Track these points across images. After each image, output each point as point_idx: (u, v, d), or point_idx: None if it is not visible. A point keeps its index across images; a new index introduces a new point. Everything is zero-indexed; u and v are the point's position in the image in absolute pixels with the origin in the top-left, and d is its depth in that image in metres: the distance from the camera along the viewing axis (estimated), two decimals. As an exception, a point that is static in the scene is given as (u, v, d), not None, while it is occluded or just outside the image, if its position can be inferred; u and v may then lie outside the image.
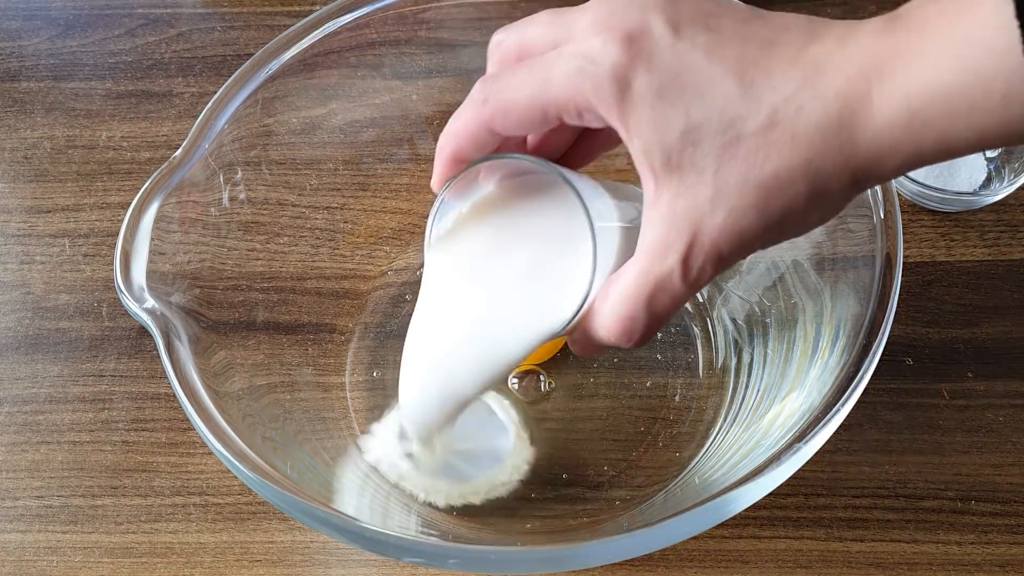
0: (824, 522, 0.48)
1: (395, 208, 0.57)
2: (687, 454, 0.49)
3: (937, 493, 0.49)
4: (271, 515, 0.50)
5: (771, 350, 0.50)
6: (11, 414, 0.54)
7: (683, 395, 0.51)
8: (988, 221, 0.57)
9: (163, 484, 0.51)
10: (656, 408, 0.51)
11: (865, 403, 0.51)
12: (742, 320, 0.53)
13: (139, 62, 0.68)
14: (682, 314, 0.54)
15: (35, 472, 0.52)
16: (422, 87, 0.56)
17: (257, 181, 0.51)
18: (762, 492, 0.37)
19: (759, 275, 0.53)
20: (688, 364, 0.53)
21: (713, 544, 0.48)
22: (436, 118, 0.57)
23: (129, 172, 0.63)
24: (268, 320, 0.50)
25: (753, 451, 0.41)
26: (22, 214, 0.61)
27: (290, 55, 0.48)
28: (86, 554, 0.49)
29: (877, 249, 0.41)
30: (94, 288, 0.58)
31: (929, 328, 0.54)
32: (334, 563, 0.48)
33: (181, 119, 0.65)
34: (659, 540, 0.36)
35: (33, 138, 0.65)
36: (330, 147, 0.54)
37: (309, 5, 0.70)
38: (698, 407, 0.51)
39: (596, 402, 0.52)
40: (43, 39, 0.69)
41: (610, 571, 0.48)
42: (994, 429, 0.50)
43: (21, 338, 0.56)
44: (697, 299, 0.54)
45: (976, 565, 0.47)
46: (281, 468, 0.39)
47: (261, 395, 0.47)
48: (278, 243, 0.52)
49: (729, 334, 0.53)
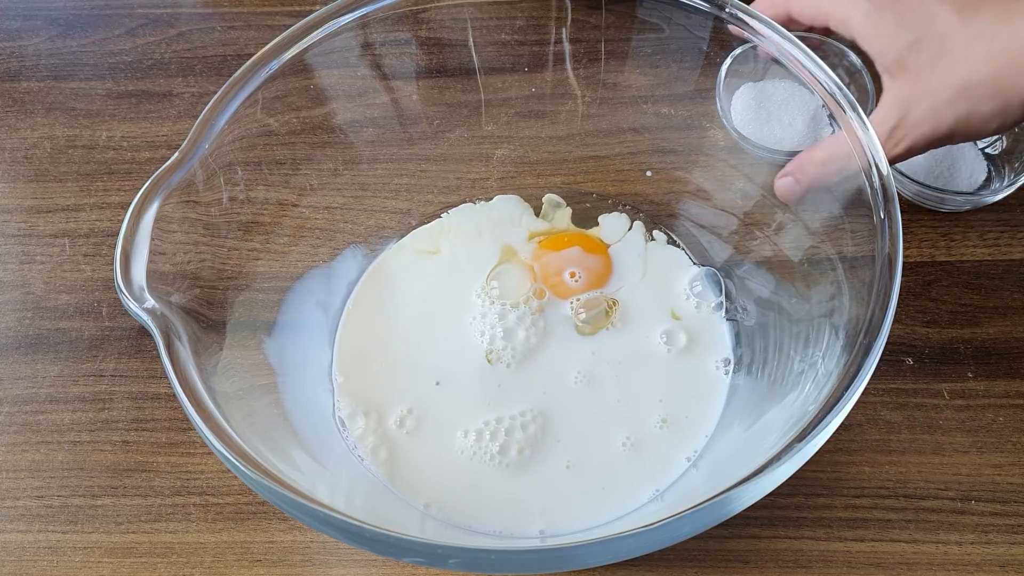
0: (824, 522, 0.48)
1: (395, 208, 0.57)
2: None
3: (937, 493, 0.49)
4: (271, 515, 0.50)
5: (771, 350, 0.50)
6: (11, 414, 0.54)
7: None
8: (988, 221, 0.57)
9: (163, 484, 0.51)
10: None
11: (865, 403, 0.51)
12: (742, 320, 0.53)
13: (139, 62, 0.68)
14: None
15: (35, 472, 0.52)
16: (422, 87, 0.56)
17: (257, 181, 0.51)
18: (762, 492, 0.37)
19: (759, 275, 0.53)
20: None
21: (713, 544, 0.48)
22: (436, 118, 0.57)
23: (129, 172, 0.63)
24: (268, 320, 0.50)
25: (753, 451, 0.41)
26: (22, 214, 0.61)
27: (290, 55, 0.48)
28: (86, 554, 0.49)
29: (877, 249, 0.41)
30: (94, 288, 0.58)
31: (929, 328, 0.54)
32: (334, 563, 0.48)
33: (181, 119, 0.65)
34: (659, 540, 0.36)
35: (33, 138, 0.65)
36: (330, 147, 0.54)
37: (309, 5, 0.70)
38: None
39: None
40: (43, 39, 0.69)
41: (610, 571, 0.48)
42: (994, 429, 0.50)
43: (21, 338, 0.56)
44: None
45: (976, 565, 0.47)
46: (281, 468, 0.39)
47: (261, 395, 0.47)
48: (278, 243, 0.52)
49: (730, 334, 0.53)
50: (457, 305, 0.54)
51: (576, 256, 0.55)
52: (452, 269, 0.56)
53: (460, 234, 0.57)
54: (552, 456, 0.49)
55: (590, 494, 0.47)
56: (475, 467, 0.48)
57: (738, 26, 0.47)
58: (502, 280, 0.54)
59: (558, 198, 0.58)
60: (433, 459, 0.49)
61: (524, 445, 0.49)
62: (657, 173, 0.57)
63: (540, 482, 0.48)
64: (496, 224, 0.57)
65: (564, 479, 0.48)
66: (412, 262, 0.56)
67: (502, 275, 0.55)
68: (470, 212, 0.58)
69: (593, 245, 0.56)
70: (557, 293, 0.54)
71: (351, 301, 0.55)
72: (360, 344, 0.53)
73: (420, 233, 0.57)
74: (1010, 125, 0.44)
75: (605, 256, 0.55)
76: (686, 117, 0.56)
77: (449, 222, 0.57)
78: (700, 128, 0.55)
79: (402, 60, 0.54)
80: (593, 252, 0.55)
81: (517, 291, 0.54)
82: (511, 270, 0.55)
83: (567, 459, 0.48)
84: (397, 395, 0.51)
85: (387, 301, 0.55)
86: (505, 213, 0.57)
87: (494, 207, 0.58)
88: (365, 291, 0.55)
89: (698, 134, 0.56)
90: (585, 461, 0.48)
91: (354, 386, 0.52)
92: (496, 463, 0.48)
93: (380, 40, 0.52)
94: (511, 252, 0.56)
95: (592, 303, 0.53)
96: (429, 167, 0.58)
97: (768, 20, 0.46)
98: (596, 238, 0.56)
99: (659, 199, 0.57)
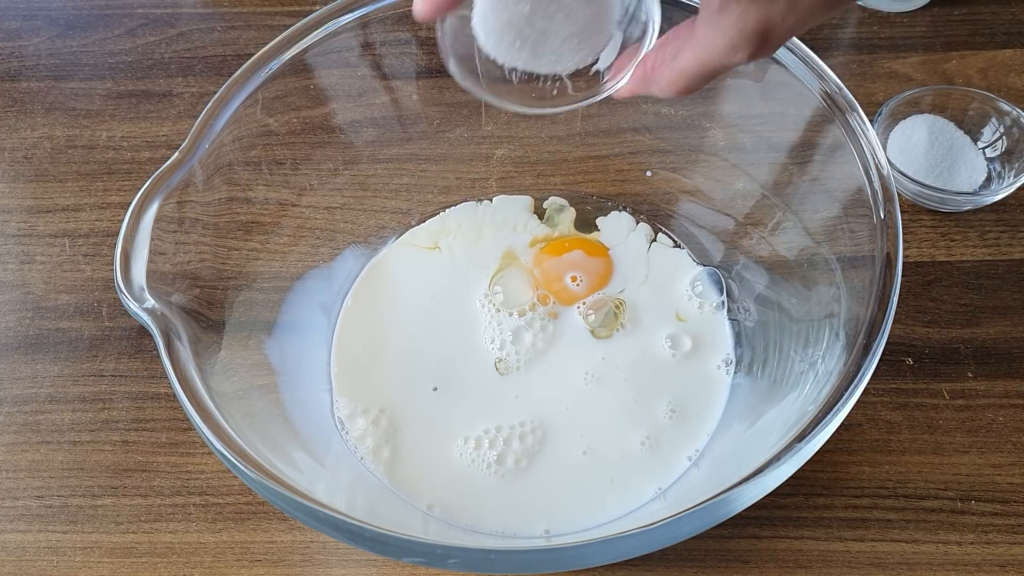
0: (824, 522, 0.48)
1: (395, 208, 0.57)
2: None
3: (937, 493, 0.49)
4: (271, 515, 0.50)
5: (772, 350, 0.50)
6: (11, 414, 0.54)
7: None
8: (988, 221, 0.57)
9: (163, 484, 0.51)
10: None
11: (865, 403, 0.51)
12: (743, 320, 0.53)
13: (139, 62, 0.68)
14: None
15: (35, 472, 0.52)
16: (422, 87, 0.56)
17: (257, 181, 0.51)
18: (762, 492, 0.37)
19: (759, 274, 0.53)
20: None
21: (713, 544, 0.48)
22: (436, 118, 0.57)
23: (129, 172, 0.63)
24: (268, 320, 0.50)
25: (753, 451, 0.41)
26: (22, 214, 0.61)
27: (290, 55, 0.48)
28: (86, 554, 0.49)
29: (877, 249, 0.41)
30: (94, 288, 0.58)
31: (929, 328, 0.54)
32: (334, 563, 0.48)
33: (181, 119, 0.65)
34: (659, 540, 0.36)
35: (33, 138, 0.65)
36: (330, 147, 0.54)
37: (309, 5, 0.70)
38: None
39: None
40: (43, 39, 0.70)
41: (610, 571, 0.48)
42: (994, 429, 0.50)
43: (21, 338, 0.56)
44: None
45: (976, 565, 0.47)
46: (281, 468, 0.39)
47: (261, 395, 0.47)
48: (278, 243, 0.52)
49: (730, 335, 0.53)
50: (461, 309, 0.54)
51: (577, 260, 0.55)
52: (453, 271, 0.56)
53: (461, 235, 0.57)
54: (556, 456, 0.49)
55: (594, 493, 0.47)
56: (475, 470, 0.48)
57: None
58: (505, 286, 0.54)
59: (562, 200, 0.58)
60: (434, 462, 0.49)
61: (523, 453, 0.49)
62: (657, 173, 0.57)
63: (544, 482, 0.48)
64: (499, 227, 0.57)
65: (569, 478, 0.48)
66: (411, 260, 0.56)
67: (505, 281, 0.55)
68: (472, 212, 0.58)
69: (594, 248, 0.56)
70: (561, 299, 0.54)
71: (350, 298, 0.55)
72: (358, 343, 0.53)
73: (419, 232, 0.57)
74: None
75: (606, 258, 0.55)
76: (686, 117, 0.56)
77: (450, 221, 0.57)
78: (700, 128, 0.55)
79: (402, 60, 0.54)
80: (593, 255, 0.55)
81: (521, 298, 0.54)
82: (513, 276, 0.55)
83: (572, 458, 0.48)
84: (397, 396, 0.51)
85: (386, 299, 0.55)
86: (509, 216, 0.57)
87: (497, 208, 0.58)
88: (364, 288, 0.55)
89: (698, 134, 0.56)
90: (588, 460, 0.48)
91: (353, 386, 0.51)
92: (497, 463, 0.48)
93: (380, 40, 0.52)
94: (512, 257, 0.56)
95: (599, 304, 0.53)
96: (429, 167, 0.58)
97: None
98: (597, 241, 0.56)
99: (659, 199, 0.57)
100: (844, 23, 0.68)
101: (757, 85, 0.54)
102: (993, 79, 0.64)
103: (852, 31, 0.67)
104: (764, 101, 0.52)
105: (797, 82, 0.47)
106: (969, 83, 0.64)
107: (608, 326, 0.53)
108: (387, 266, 0.56)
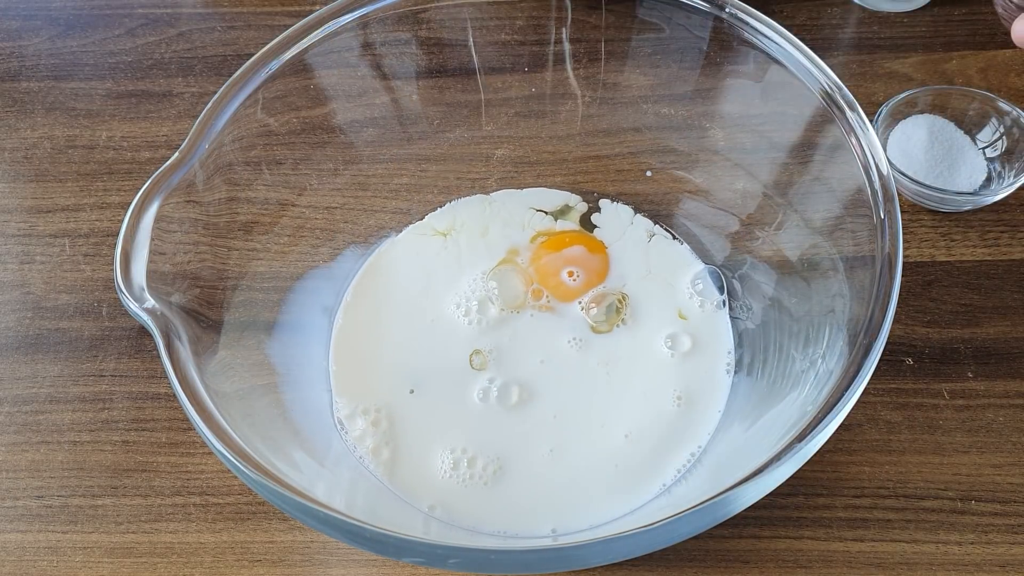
0: (824, 522, 0.48)
1: (395, 208, 0.57)
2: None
3: (937, 493, 0.49)
4: (271, 515, 0.50)
5: (772, 349, 0.50)
6: (11, 414, 0.54)
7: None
8: (988, 221, 0.57)
9: (163, 484, 0.51)
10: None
11: (865, 403, 0.51)
12: (744, 319, 0.53)
13: (139, 62, 0.68)
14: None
15: (35, 472, 0.52)
16: (422, 87, 0.56)
17: (257, 181, 0.51)
18: (762, 492, 0.37)
19: (760, 274, 0.53)
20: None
21: (713, 544, 0.48)
22: (436, 118, 0.57)
23: (129, 172, 0.63)
24: (268, 320, 0.50)
25: (753, 451, 0.41)
26: (22, 214, 0.61)
27: (290, 55, 0.48)
28: (86, 554, 0.49)
29: (877, 249, 0.41)
30: (94, 288, 0.58)
31: (929, 328, 0.54)
32: (334, 563, 0.48)
33: (181, 119, 0.65)
34: (659, 540, 0.36)
35: (33, 138, 0.65)
36: (330, 147, 0.54)
37: (309, 5, 0.70)
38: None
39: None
40: (43, 39, 0.70)
41: (610, 571, 0.48)
42: (994, 429, 0.50)
43: (21, 338, 0.56)
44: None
45: (976, 565, 0.47)
46: (281, 468, 0.39)
47: (261, 395, 0.47)
48: (278, 243, 0.52)
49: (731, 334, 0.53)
50: (450, 305, 0.54)
51: (572, 255, 0.55)
52: (455, 267, 0.56)
53: (465, 230, 0.57)
54: (556, 455, 0.49)
55: (597, 491, 0.47)
56: (475, 471, 0.48)
57: (737, 25, 0.47)
58: (500, 282, 0.54)
59: (575, 197, 0.58)
60: (434, 462, 0.49)
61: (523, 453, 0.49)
62: (657, 173, 0.57)
63: (546, 483, 0.48)
64: (505, 224, 0.57)
65: (571, 477, 0.48)
66: (412, 258, 0.56)
67: (500, 277, 0.54)
68: (479, 205, 0.58)
69: (590, 243, 0.56)
70: (558, 295, 0.54)
71: (348, 295, 0.55)
72: (357, 343, 0.53)
73: (422, 226, 0.57)
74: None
75: (602, 253, 0.55)
76: (686, 117, 0.56)
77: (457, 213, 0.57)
78: (700, 128, 0.55)
79: (402, 60, 0.54)
80: (589, 250, 0.55)
81: (514, 295, 0.54)
82: (508, 273, 0.55)
83: (572, 457, 0.48)
84: (395, 397, 0.51)
85: (385, 298, 0.55)
86: (516, 212, 0.57)
87: (503, 204, 0.58)
88: (362, 286, 0.55)
89: (698, 134, 0.56)
90: (589, 459, 0.48)
91: (352, 386, 0.51)
92: (497, 463, 0.48)
93: (380, 40, 0.52)
94: (515, 254, 0.56)
95: (600, 298, 0.53)
96: (429, 167, 0.58)
97: (768, 20, 0.46)
98: (594, 237, 0.56)
99: (659, 199, 0.57)
100: (844, 23, 0.68)
101: (757, 85, 0.54)
102: (993, 79, 0.64)
103: (852, 31, 0.67)
104: (764, 101, 0.52)
105: (797, 82, 0.47)
106: (969, 83, 0.64)
107: (609, 321, 0.52)
108: (386, 257, 0.56)
